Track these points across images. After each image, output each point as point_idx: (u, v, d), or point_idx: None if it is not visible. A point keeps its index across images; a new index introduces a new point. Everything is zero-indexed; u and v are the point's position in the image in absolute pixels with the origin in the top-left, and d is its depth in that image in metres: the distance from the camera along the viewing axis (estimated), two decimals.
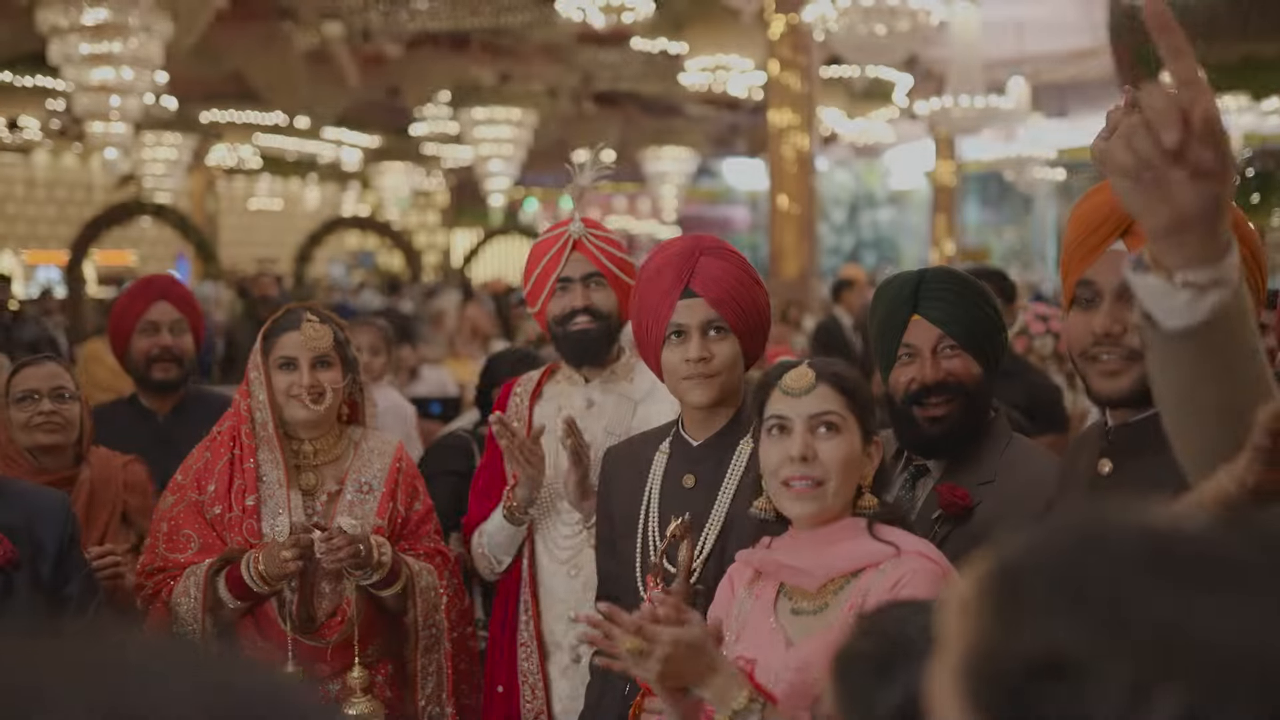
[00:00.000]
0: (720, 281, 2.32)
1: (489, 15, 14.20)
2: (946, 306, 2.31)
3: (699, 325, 2.31)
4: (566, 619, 2.74)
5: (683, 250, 2.36)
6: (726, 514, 2.30)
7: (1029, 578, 0.66)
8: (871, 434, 1.92)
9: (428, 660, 2.71)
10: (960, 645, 0.67)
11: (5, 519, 2.28)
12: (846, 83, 17.93)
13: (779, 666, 1.87)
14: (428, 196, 29.21)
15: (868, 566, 1.85)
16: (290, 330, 2.70)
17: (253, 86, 14.73)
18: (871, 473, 1.93)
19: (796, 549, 1.91)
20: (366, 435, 2.84)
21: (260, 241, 27.24)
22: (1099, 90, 20.45)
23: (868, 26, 9.71)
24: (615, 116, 20.48)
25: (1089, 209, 1.83)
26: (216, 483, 2.66)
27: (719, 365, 2.31)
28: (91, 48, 9.53)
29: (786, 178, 12.78)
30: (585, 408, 2.82)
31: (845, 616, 1.82)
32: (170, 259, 24.19)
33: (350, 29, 13.85)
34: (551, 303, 2.78)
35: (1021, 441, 2.37)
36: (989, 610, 0.66)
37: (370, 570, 2.56)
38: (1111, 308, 1.77)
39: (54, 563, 2.33)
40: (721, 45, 14.39)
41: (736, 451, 2.35)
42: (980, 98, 12.99)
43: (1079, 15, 15.90)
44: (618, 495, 2.48)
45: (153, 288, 3.70)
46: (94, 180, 23.01)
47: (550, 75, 17.08)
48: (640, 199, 30.16)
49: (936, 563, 1.82)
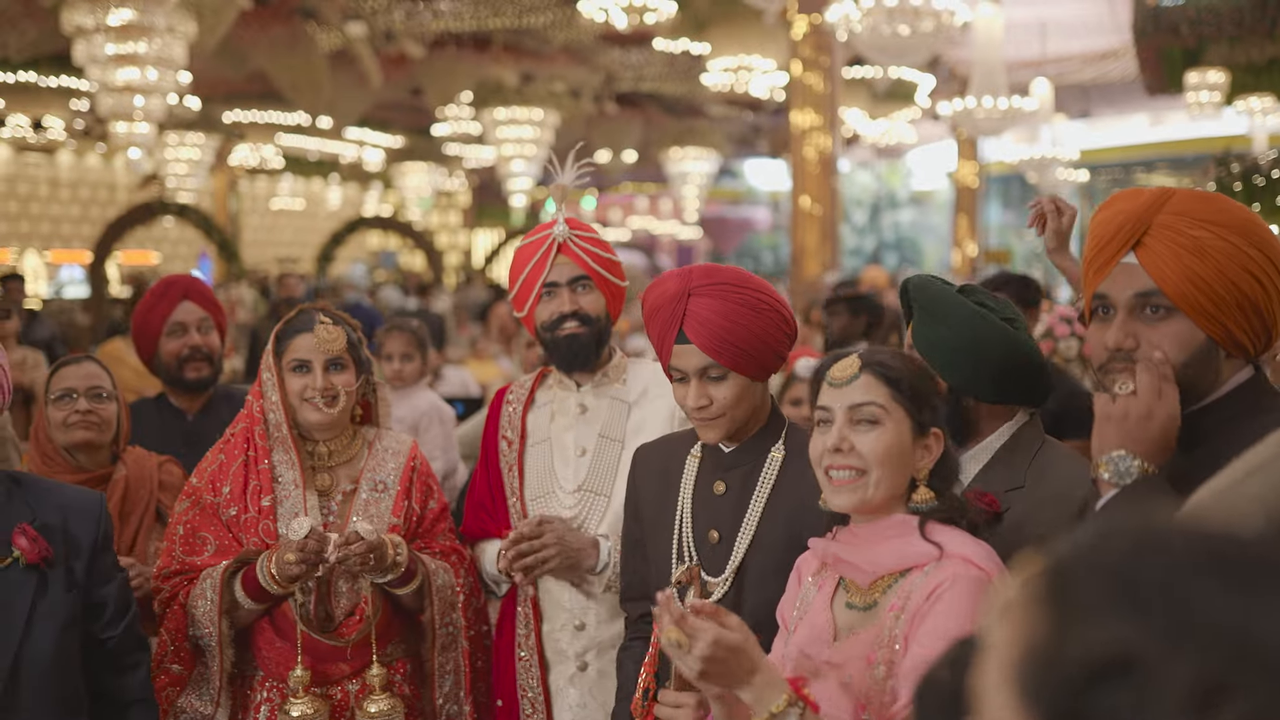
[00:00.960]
0: (710, 324, 2.25)
1: (511, 16, 14.22)
2: (915, 322, 2.28)
3: (695, 371, 2.27)
4: (572, 628, 2.72)
5: (673, 293, 2.29)
6: (758, 523, 2.28)
7: (1088, 580, 0.66)
8: (927, 425, 1.88)
9: (445, 659, 2.70)
10: (1015, 647, 0.68)
11: (41, 517, 2.30)
12: (868, 83, 17.88)
13: (822, 657, 1.88)
14: (450, 197, 29.29)
15: (914, 567, 1.83)
16: (303, 332, 2.69)
17: (276, 87, 14.78)
18: (928, 465, 1.88)
19: (853, 542, 1.91)
20: (380, 435, 2.83)
21: (282, 241, 27.38)
22: (1121, 91, 20.37)
23: (891, 27, 9.66)
24: (637, 117, 20.48)
25: (1102, 220, 1.82)
26: (231, 484, 2.66)
27: (720, 408, 2.28)
28: (117, 48, 9.57)
29: (809, 178, 12.75)
30: (579, 413, 2.80)
31: (887, 618, 1.82)
32: (193, 259, 24.35)
33: (373, 30, 13.89)
34: (539, 308, 2.74)
35: (1053, 446, 2.31)
36: (1047, 612, 0.67)
37: (386, 570, 2.56)
38: (1124, 322, 1.76)
39: (88, 561, 2.34)
40: (744, 46, 14.36)
41: (768, 459, 2.33)
42: (1004, 99, 12.91)
43: (1102, 16, 15.82)
44: (647, 496, 2.47)
45: (175, 288, 3.71)
46: (117, 180, 23.17)
47: (573, 76, 17.09)
48: (662, 199, 30.15)
49: (981, 568, 1.78)
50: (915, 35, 9.74)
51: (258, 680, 2.65)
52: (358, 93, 16.09)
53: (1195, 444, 1.73)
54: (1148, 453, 1.70)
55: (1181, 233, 1.72)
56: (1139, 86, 17.84)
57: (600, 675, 2.71)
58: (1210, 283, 1.70)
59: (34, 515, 2.29)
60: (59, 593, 2.27)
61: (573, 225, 2.78)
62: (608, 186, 30.20)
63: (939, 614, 1.75)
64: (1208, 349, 1.74)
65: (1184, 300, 1.71)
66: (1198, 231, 1.71)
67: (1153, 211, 1.75)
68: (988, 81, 12.88)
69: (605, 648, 2.72)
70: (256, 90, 17.07)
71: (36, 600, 2.24)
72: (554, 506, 2.76)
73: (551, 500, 2.77)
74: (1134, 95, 19.65)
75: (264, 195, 27.03)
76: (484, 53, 15.80)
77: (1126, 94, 20.22)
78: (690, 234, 29.24)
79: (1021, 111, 13.35)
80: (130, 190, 22.05)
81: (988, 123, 13.26)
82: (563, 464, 2.78)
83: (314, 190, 27.47)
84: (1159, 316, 1.74)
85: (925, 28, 9.70)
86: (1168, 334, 1.73)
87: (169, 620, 2.59)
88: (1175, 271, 1.71)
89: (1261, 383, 1.79)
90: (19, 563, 2.24)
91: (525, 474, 2.82)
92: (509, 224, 26.59)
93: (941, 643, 1.67)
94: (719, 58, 14.56)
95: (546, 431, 2.83)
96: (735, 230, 32.43)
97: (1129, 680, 0.61)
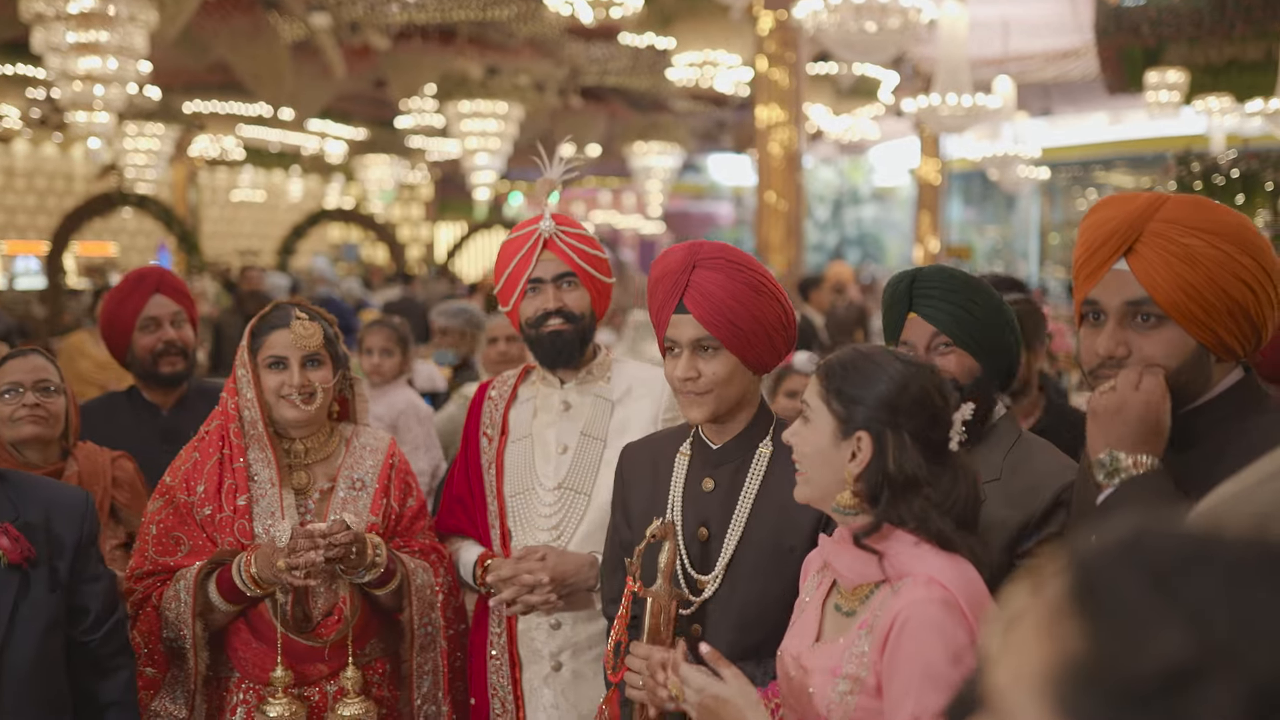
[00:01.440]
0: (712, 297, 2.25)
1: (476, 8, 14.14)
2: (938, 304, 2.31)
3: (689, 343, 2.27)
4: (547, 626, 2.70)
5: (679, 263, 2.29)
6: (747, 518, 2.28)
7: (1131, 589, 0.65)
8: (851, 426, 1.84)
9: (423, 659, 2.67)
10: (1048, 659, 0.66)
11: (24, 514, 2.25)
12: (833, 79, 17.94)
13: (801, 659, 1.88)
14: (412, 189, 29.11)
15: (888, 580, 1.81)
16: (279, 328, 2.64)
17: (238, 77, 14.62)
18: (853, 469, 1.84)
19: (838, 545, 1.90)
20: (358, 432, 2.79)
21: (242, 234, 27.10)
22: (1082, 90, 20.56)
23: (859, 24, 9.68)
24: (601, 111, 20.46)
25: (1093, 225, 1.81)
26: (206, 483, 2.61)
27: (708, 383, 2.26)
28: (78, 36, 9.42)
29: (774, 174, 12.77)
30: (562, 410, 2.78)
31: (856, 632, 1.81)
32: (151, 251, 24.04)
33: (338, 21, 13.77)
34: (523, 304, 2.72)
35: (1029, 440, 2.35)
36: (1085, 622, 0.65)
37: (365, 570, 2.53)
38: (1114, 330, 1.76)
39: (71, 561, 2.30)
40: (709, 41, 14.36)
41: (755, 455, 2.32)
42: (968, 97, 12.98)
43: (1064, 15, 15.95)
44: (634, 493, 2.46)
45: (148, 282, 3.64)
46: (74, 170, 22.83)
47: (537, 69, 17.03)
48: (625, 194, 30.12)
49: (946, 588, 1.74)
50: (882, 32, 9.77)
51: (233, 682, 2.61)
52: (320, 84, 15.95)
53: (1189, 445, 1.74)
54: (1130, 444, 1.70)
55: (1174, 240, 1.71)
56: (1099, 85, 18.01)
57: (575, 676, 2.69)
58: (1202, 291, 1.70)
59: (17, 513, 2.24)
60: (42, 593, 2.23)
61: (559, 221, 2.75)
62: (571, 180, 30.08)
63: (906, 659, 1.72)
64: (1198, 355, 1.74)
65: (1175, 309, 1.71)
66: (1190, 239, 1.70)
67: (1145, 218, 1.74)
68: (952, 79, 12.94)
69: (581, 648, 2.70)
70: (217, 81, 16.88)
71: (19, 601, 2.20)
72: (533, 503, 2.74)
73: (531, 497, 2.74)
74: (1094, 94, 19.84)
75: (224, 187, 26.73)
76: (448, 45, 15.71)
77: (1087, 92, 20.41)
78: (653, 229, 29.23)
79: (986, 109, 13.42)
80: (88, 180, 21.73)
81: (952, 120, 13.31)
82: (544, 461, 2.76)
83: (274, 182, 27.21)
84: (1150, 325, 1.74)
85: (892, 25, 9.73)
86: (1159, 341, 1.73)
87: (141, 622, 2.55)
88: (1167, 280, 1.71)
89: (1251, 384, 1.80)
90: (1, 562, 2.19)
91: (505, 470, 2.79)
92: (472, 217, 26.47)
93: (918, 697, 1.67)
94: (684, 52, 14.55)
95: (528, 428, 2.80)
96: (698, 225, 32.46)
97: (1189, 693, 0.60)
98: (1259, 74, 14.95)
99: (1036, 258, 28.73)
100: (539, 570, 2.57)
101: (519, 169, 25.88)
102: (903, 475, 1.81)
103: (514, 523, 2.76)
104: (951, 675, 1.68)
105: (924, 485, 1.82)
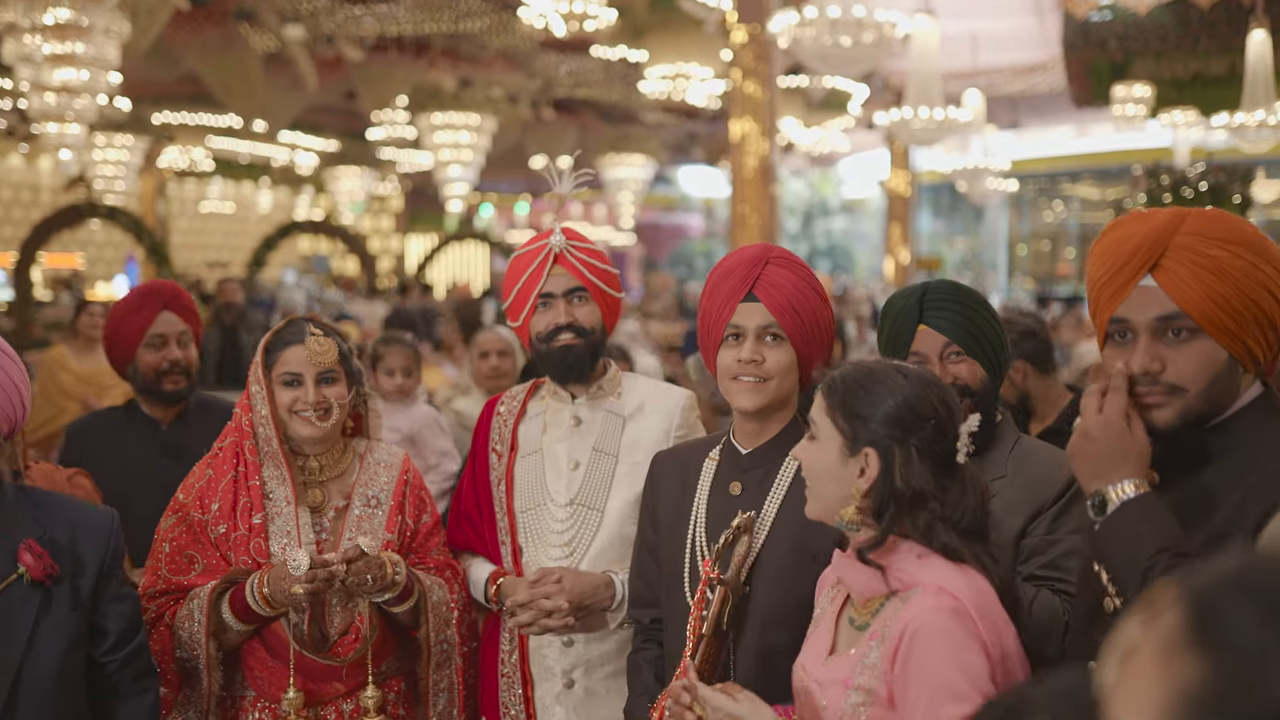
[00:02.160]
0: (783, 289, 2.33)
1: (448, 21, 14.13)
2: (950, 315, 2.43)
3: (755, 329, 2.32)
4: (560, 644, 2.68)
5: (752, 257, 2.37)
6: (772, 523, 2.30)
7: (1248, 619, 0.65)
8: (859, 443, 1.86)
9: (439, 676, 2.66)
10: (1168, 689, 0.66)
11: (49, 533, 2.23)
12: (804, 92, 18.03)
13: (813, 672, 1.90)
14: (382, 201, 29.00)
15: (898, 592, 1.83)
16: (294, 344, 2.62)
17: (209, 89, 14.53)
18: (862, 485, 1.85)
19: (848, 559, 1.92)
20: (371, 448, 2.77)
21: (211, 245, 26.91)
22: (1049, 103, 20.77)
23: (834, 38, 9.75)
24: (573, 123, 20.46)
25: (1113, 243, 1.82)
26: (220, 500, 2.59)
27: (770, 369, 2.31)
28: (53, 48, 9.34)
29: (747, 186, 12.82)
30: (573, 425, 2.77)
31: (867, 644, 1.83)
32: (118, 262, 23.82)
33: (312, 33, 13.72)
34: (534, 319, 2.72)
35: (1027, 440, 2.46)
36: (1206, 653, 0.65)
37: (385, 589, 2.51)
38: (1148, 346, 1.77)
39: (94, 580, 2.27)
40: (681, 54, 14.41)
41: (785, 462, 2.34)
42: (940, 110, 13.10)
43: (1032, 30, 16.13)
44: (664, 499, 2.47)
45: (157, 298, 3.58)
46: (41, 181, 22.60)
47: (510, 81, 17.03)
48: (596, 206, 30.13)
49: (958, 598, 1.75)
50: (858, 46, 9.84)
51: (248, 701, 2.59)
52: (291, 96, 15.87)
53: (1211, 460, 1.77)
54: (1107, 474, 1.72)
55: (1200, 253, 1.73)
56: (1066, 98, 18.21)
57: (588, 694, 2.68)
58: (1231, 301, 1.72)
59: (42, 531, 2.22)
60: (63, 611, 2.20)
61: (569, 236, 2.75)
62: (542, 192, 30.12)
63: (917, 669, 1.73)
64: (1230, 367, 1.76)
65: (1208, 320, 1.73)
66: (1215, 251, 1.72)
67: (1169, 233, 1.76)
68: (924, 92, 13.04)
69: (594, 665, 2.69)
70: (187, 92, 16.75)
71: (40, 618, 2.17)
72: (544, 519, 2.72)
73: (542, 513, 2.73)
74: (1061, 107, 20.05)
75: (193, 198, 26.54)
76: (421, 57, 15.68)
77: (1054, 106, 20.62)
78: (624, 240, 29.26)
79: (957, 122, 13.55)
80: (54, 192, 21.51)
81: (924, 133, 13.43)
82: (555, 476, 2.75)
83: (244, 194, 27.04)
84: (1182, 339, 1.75)
85: (867, 39, 9.81)
86: (1192, 355, 1.75)
87: (154, 641, 2.51)
88: (1197, 292, 1.72)
89: (1271, 397, 1.82)
90: (23, 579, 2.17)
91: (515, 485, 2.77)
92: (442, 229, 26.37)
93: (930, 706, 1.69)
94: (656, 65, 14.59)
95: (538, 443, 2.79)
96: (669, 237, 32.53)
97: None
98: (1223, 88, 15.16)
99: (1005, 269, 28.97)
100: (557, 595, 2.57)
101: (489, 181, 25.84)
102: (910, 490, 1.82)
103: (525, 539, 2.74)
104: (962, 684, 1.69)
105: (931, 499, 1.83)
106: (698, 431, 2.80)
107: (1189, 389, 1.75)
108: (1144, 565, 1.63)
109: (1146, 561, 1.63)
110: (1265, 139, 13.63)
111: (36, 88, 10.04)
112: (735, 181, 13.06)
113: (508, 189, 31.24)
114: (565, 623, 2.57)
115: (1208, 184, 12.03)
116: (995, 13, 15.12)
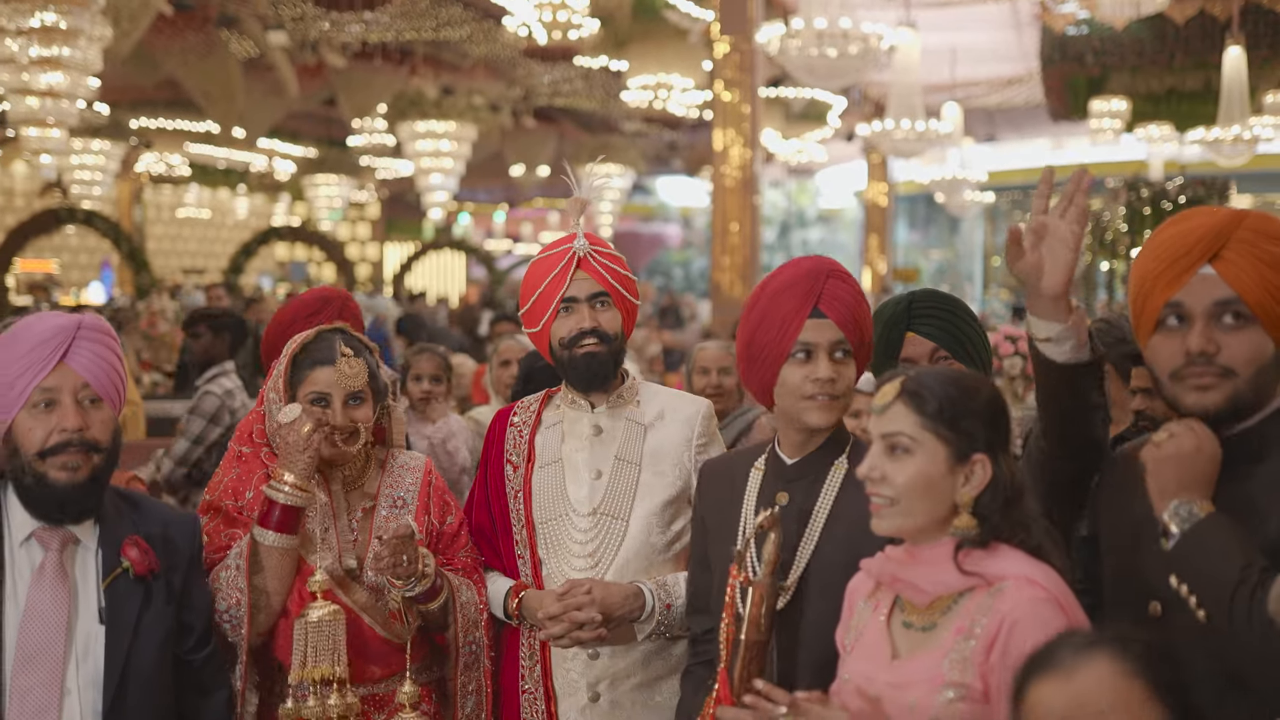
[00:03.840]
0: (847, 304, 2.31)
1: (430, 29, 14.12)
2: (937, 322, 2.61)
3: (827, 346, 2.29)
4: (584, 657, 2.63)
5: (812, 271, 2.33)
6: (820, 532, 2.28)
7: None
8: (967, 451, 1.86)
9: (467, 678, 2.63)
10: None
11: (145, 529, 2.31)
12: (784, 103, 18.12)
13: (881, 678, 1.89)
14: (360, 209, 28.92)
15: (977, 587, 1.84)
16: (324, 365, 2.56)
17: (189, 94, 14.46)
18: (970, 492, 1.86)
19: (910, 562, 1.92)
20: (393, 454, 2.75)
21: (187, 251, 26.77)
22: (1025, 116, 20.95)
23: (820, 50, 9.82)
24: (552, 132, 20.47)
25: (1174, 236, 1.94)
26: (255, 490, 2.56)
27: (844, 387, 2.30)
28: (39, 51, 9.28)
29: (729, 196, 12.87)
30: (594, 434, 2.72)
31: (953, 639, 1.83)
32: (94, 268, 23.67)
33: (295, 40, 13.68)
34: (556, 324, 2.66)
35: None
36: None
37: (415, 581, 2.47)
38: (1204, 328, 1.88)
39: (185, 575, 2.35)
40: (662, 64, 14.47)
41: (830, 471, 2.33)
42: (920, 122, 13.21)
43: (1010, 44, 16.27)
44: (711, 509, 2.46)
45: (331, 306, 3.28)
46: (15, 186, 22.43)
47: (491, 90, 17.02)
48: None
49: (1046, 589, 1.80)
50: (843, 58, 9.92)
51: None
52: (270, 102, 15.81)
53: (1259, 459, 1.85)
54: (1203, 489, 1.84)
55: (1260, 247, 1.87)
56: (1043, 111, 18.39)
57: (613, 706, 2.64)
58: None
59: (140, 529, 2.31)
60: (161, 604, 2.29)
61: (591, 241, 2.71)
62: (520, 201, 30.10)
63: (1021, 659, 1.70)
64: (1275, 360, 1.88)
65: (1261, 309, 1.86)
66: (1273, 247, 1.87)
67: (1232, 227, 1.89)
68: (904, 105, 13.16)
69: (620, 678, 2.65)
70: (165, 97, 16.68)
71: (143, 611, 2.26)
72: (566, 530, 2.68)
73: (563, 523, 2.68)
74: (1037, 120, 20.23)
75: (169, 204, 26.38)
76: (402, 65, 15.66)
77: (1030, 119, 20.81)
78: None
79: (937, 134, 13.67)
80: (28, 197, 21.36)
81: (904, 144, 13.56)
82: (576, 486, 2.70)
83: (220, 200, 26.91)
84: (1236, 325, 1.87)
85: (853, 51, 9.89)
86: (1243, 341, 1.87)
87: None
88: (1255, 282, 1.86)
89: None
90: (128, 573, 2.25)
91: (533, 497, 2.72)
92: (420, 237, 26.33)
93: None
94: (638, 75, 14.64)
95: (557, 453, 2.74)
96: (647, 246, 32.56)
97: None
98: (1198, 103, 15.36)
99: (980, 280, 29.15)
100: (588, 606, 2.52)
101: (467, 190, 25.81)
102: (1014, 488, 1.88)
103: (545, 550, 2.69)
104: None
105: (1025, 493, 1.89)
106: (717, 440, 2.78)
107: (1240, 374, 1.87)
108: (1234, 580, 1.74)
109: (1237, 576, 1.74)
110: (1240, 153, 13.82)
111: (18, 91, 9.98)
112: (717, 191, 13.11)
113: (485, 198, 31.21)
114: (598, 634, 2.52)
115: (1185, 197, 12.17)
116: (974, 26, 15.24)
